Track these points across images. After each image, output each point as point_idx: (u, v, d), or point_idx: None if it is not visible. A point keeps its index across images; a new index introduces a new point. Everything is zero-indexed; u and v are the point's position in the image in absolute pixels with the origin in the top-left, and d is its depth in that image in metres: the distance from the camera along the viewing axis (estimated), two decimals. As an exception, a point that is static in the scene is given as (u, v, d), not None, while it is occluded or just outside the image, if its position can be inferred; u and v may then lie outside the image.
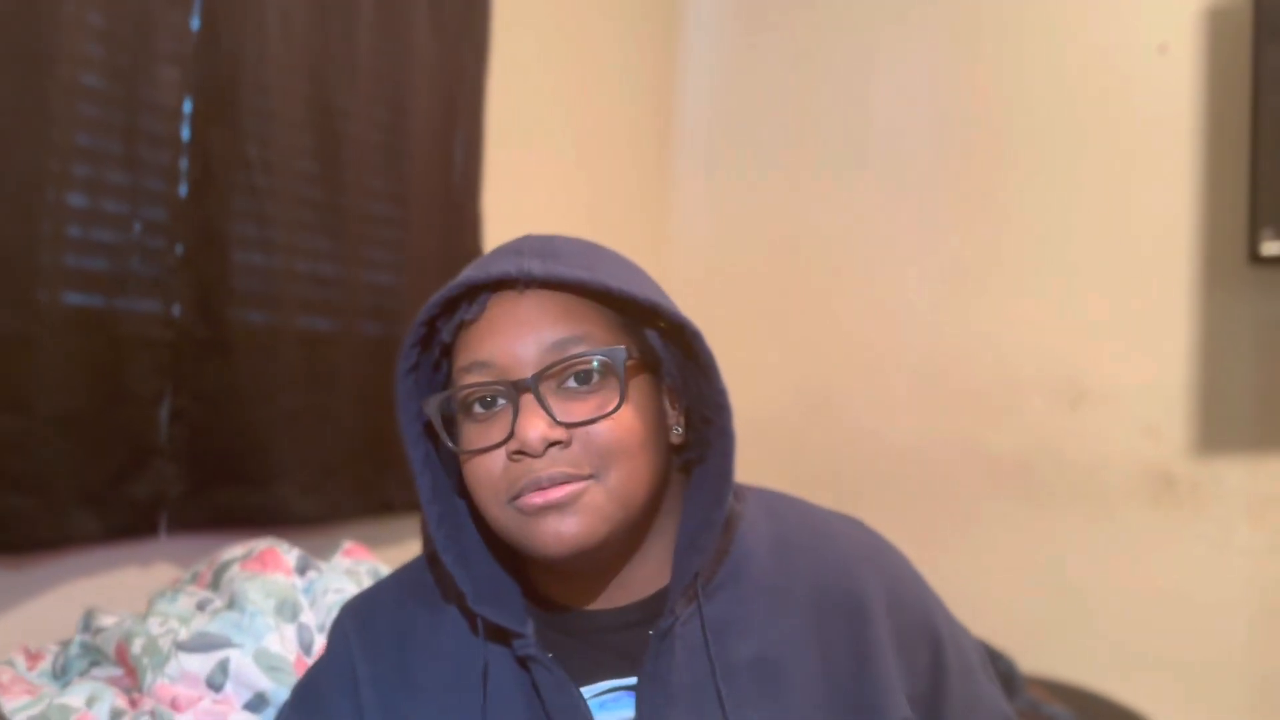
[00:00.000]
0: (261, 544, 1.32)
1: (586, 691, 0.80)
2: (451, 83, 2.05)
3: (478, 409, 0.77)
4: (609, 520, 0.75)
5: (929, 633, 0.87)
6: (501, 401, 0.76)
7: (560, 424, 0.74)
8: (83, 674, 1.18)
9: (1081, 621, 2.21)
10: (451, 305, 0.78)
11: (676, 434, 0.82)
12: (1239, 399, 2.11)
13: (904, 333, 2.47)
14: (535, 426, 0.73)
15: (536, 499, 0.74)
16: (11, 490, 1.37)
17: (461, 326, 0.78)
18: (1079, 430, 2.25)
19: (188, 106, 1.60)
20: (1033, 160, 2.34)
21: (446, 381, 0.81)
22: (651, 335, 0.80)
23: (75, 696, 1.08)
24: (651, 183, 2.79)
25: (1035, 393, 2.30)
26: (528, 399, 0.74)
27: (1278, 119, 1.87)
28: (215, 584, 1.27)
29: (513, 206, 2.22)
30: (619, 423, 0.75)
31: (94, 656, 1.20)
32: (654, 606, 0.81)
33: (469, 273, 0.77)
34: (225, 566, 1.29)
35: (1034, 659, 2.09)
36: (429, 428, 0.81)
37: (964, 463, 2.37)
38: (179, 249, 1.59)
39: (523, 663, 0.79)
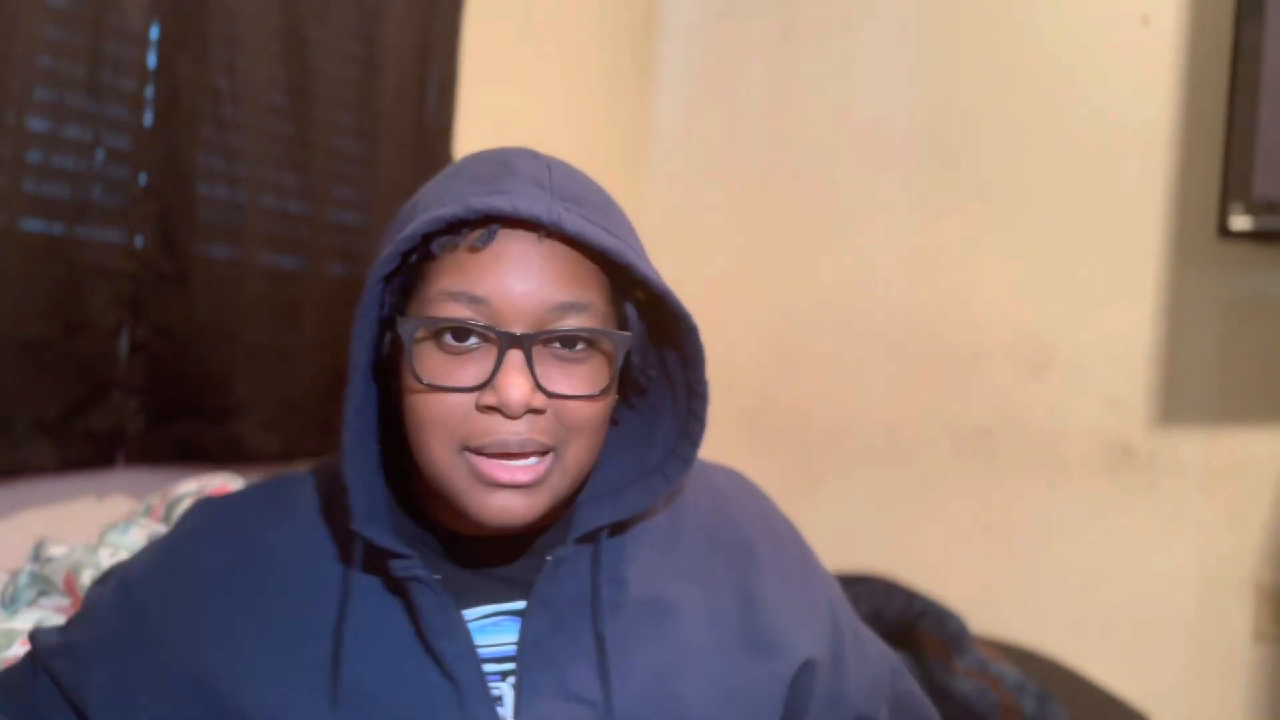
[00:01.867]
0: (215, 480, 1.32)
1: (468, 614, 0.77)
2: (426, 18, 2.01)
3: (449, 339, 0.71)
4: (555, 498, 0.74)
5: (818, 579, 0.89)
6: (475, 341, 0.71)
7: (543, 391, 0.71)
8: (31, 603, 1.17)
9: (1034, 586, 2.25)
10: (451, 228, 0.71)
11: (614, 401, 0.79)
12: (1200, 373, 2.13)
13: (875, 297, 2.48)
14: (521, 388, 0.69)
15: (502, 473, 0.70)
16: (-35, 417, 1.36)
17: (458, 247, 0.71)
18: (1041, 398, 2.27)
19: (155, 32, 1.57)
20: (1006, 129, 2.34)
21: (408, 291, 0.74)
22: (630, 307, 0.78)
23: (22, 622, 1.08)
24: (630, 134, 2.76)
25: (1000, 360, 2.31)
26: (516, 355, 0.70)
27: (1254, 95, 1.88)
28: (168, 517, 1.27)
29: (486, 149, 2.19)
30: (596, 404, 0.74)
31: (42, 586, 1.19)
32: (550, 537, 0.80)
33: (489, 198, 0.70)
34: (178, 500, 1.28)
35: (986, 620, 2.12)
36: (382, 341, 0.76)
37: (926, 427, 2.39)
38: (142, 179, 1.57)
39: (398, 588, 0.75)
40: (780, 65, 2.65)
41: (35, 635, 0.85)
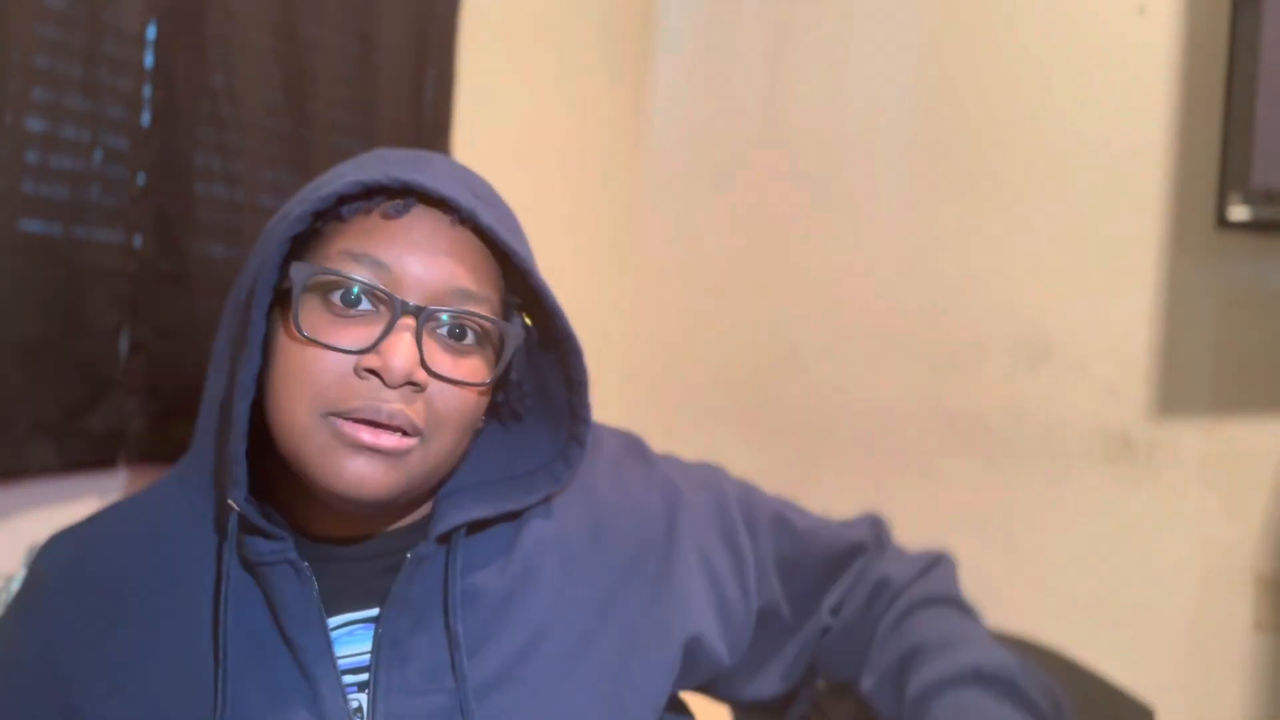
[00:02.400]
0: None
1: (329, 622, 0.75)
2: (423, 16, 2.01)
3: (336, 299, 0.70)
4: (413, 482, 0.72)
5: (688, 527, 0.89)
6: (367, 306, 0.70)
7: (427, 369, 0.69)
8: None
9: (1033, 577, 2.25)
10: (369, 193, 0.71)
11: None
12: (1199, 363, 2.14)
13: (871, 290, 2.48)
14: (408, 355, 0.67)
15: (365, 434, 0.68)
16: (-36, 419, 1.36)
17: (370, 213, 0.71)
18: (1039, 390, 2.27)
19: (152, 31, 1.57)
20: (1002, 121, 2.34)
21: (302, 254, 0.73)
22: (517, 322, 0.78)
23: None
24: (627, 128, 2.76)
25: (998, 352, 2.31)
26: (406, 325, 0.68)
27: (1251, 84, 1.88)
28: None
29: (484, 147, 2.19)
30: (474, 396, 0.72)
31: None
32: (408, 537, 0.78)
33: (409, 173, 0.70)
34: (182, 500, 1.28)
35: (986, 613, 2.12)
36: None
37: (924, 419, 2.39)
38: (141, 179, 1.56)
39: (255, 574, 0.73)
40: (776, 57, 2.64)
41: None
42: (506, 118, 2.30)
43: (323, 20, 1.80)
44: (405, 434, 0.69)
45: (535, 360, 0.81)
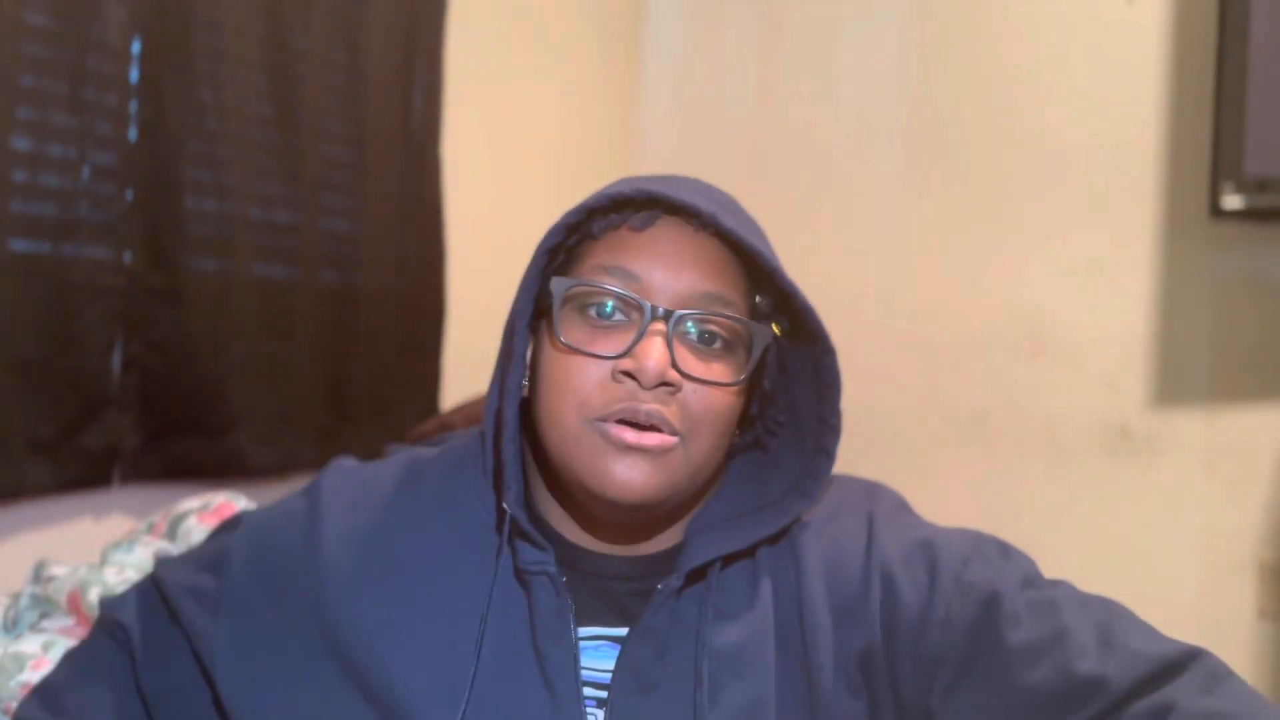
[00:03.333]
0: (218, 498, 1.31)
1: (580, 632, 0.77)
2: (410, 23, 2.00)
3: (593, 312, 0.73)
4: (677, 486, 0.73)
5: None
6: (620, 316, 0.73)
7: (679, 370, 0.71)
8: (33, 625, 1.16)
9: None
10: (617, 206, 0.74)
11: (734, 433, 0.79)
12: (1197, 352, 2.13)
13: (867, 287, 2.47)
14: (659, 356, 0.70)
15: (629, 434, 0.70)
16: (-41, 441, 1.35)
17: (619, 228, 0.75)
18: (1037, 382, 2.27)
19: (136, 47, 1.56)
20: (994, 114, 2.33)
21: (561, 271, 0.76)
22: (765, 324, 0.79)
23: (30, 644, 1.07)
24: (618, 134, 2.75)
25: (995, 346, 2.31)
26: (657, 329, 0.71)
27: (1242, 73, 1.87)
28: (171, 535, 1.26)
29: (475, 153, 2.18)
30: (728, 397, 0.74)
31: (44, 608, 1.18)
32: (660, 564, 0.79)
33: (653, 183, 0.73)
34: (182, 518, 1.27)
35: (990, 607, 2.13)
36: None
37: (923, 415, 2.39)
38: (129, 195, 1.55)
39: (521, 580, 0.76)
40: (767, 54, 2.64)
41: (161, 565, 0.86)
42: (496, 122, 2.29)
43: (309, 30, 1.79)
44: (665, 433, 0.71)
45: (787, 376, 0.81)
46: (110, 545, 1.26)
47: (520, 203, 2.24)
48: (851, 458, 2.45)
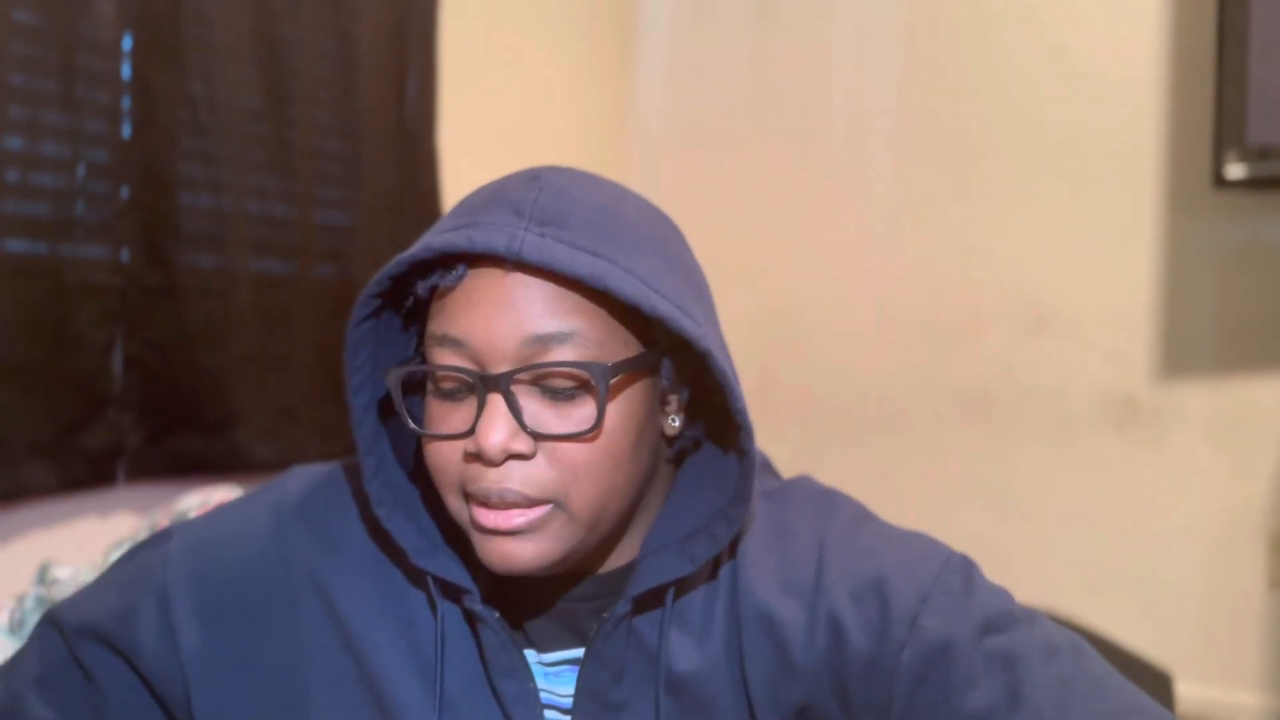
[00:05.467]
0: (218, 493, 1.30)
1: (542, 658, 0.75)
2: (402, 11, 1.99)
3: (445, 385, 0.68)
4: (569, 543, 0.68)
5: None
6: (461, 388, 0.68)
7: (528, 432, 0.66)
8: (38, 629, 1.16)
9: (1044, 547, 2.24)
10: (420, 271, 0.68)
11: (672, 426, 0.74)
12: (1201, 323, 2.12)
13: (869, 267, 2.46)
14: (495, 433, 0.65)
15: (488, 518, 0.66)
16: (-40, 444, 1.35)
17: (437, 291, 0.69)
18: (1041, 358, 2.26)
19: (127, 42, 1.55)
20: (994, 88, 2.32)
21: (418, 342, 0.72)
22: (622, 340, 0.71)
23: (32, 651, 1.07)
24: (613, 119, 2.74)
25: (996, 322, 2.30)
26: (497, 399, 0.66)
27: (1243, 41, 1.86)
28: (173, 534, 1.25)
29: (471, 142, 2.17)
30: (594, 444, 0.67)
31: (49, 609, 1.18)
32: (616, 582, 0.75)
33: (448, 235, 0.67)
34: (182, 515, 1.27)
35: (999, 584, 2.12)
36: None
37: (926, 394, 2.38)
38: (124, 192, 1.55)
39: (469, 618, 0.74)
40: (762, 32, 2.62)
41: (65, 618, 0.79)
42: (491, 109, 2.28)
43: (300, 20, 1.78)
44: (528, 506, 0.67)
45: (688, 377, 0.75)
46: (113, 545, 1.26)
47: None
48: (856, 438, 2.46)
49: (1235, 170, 1.87)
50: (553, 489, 0.67)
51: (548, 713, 0.74)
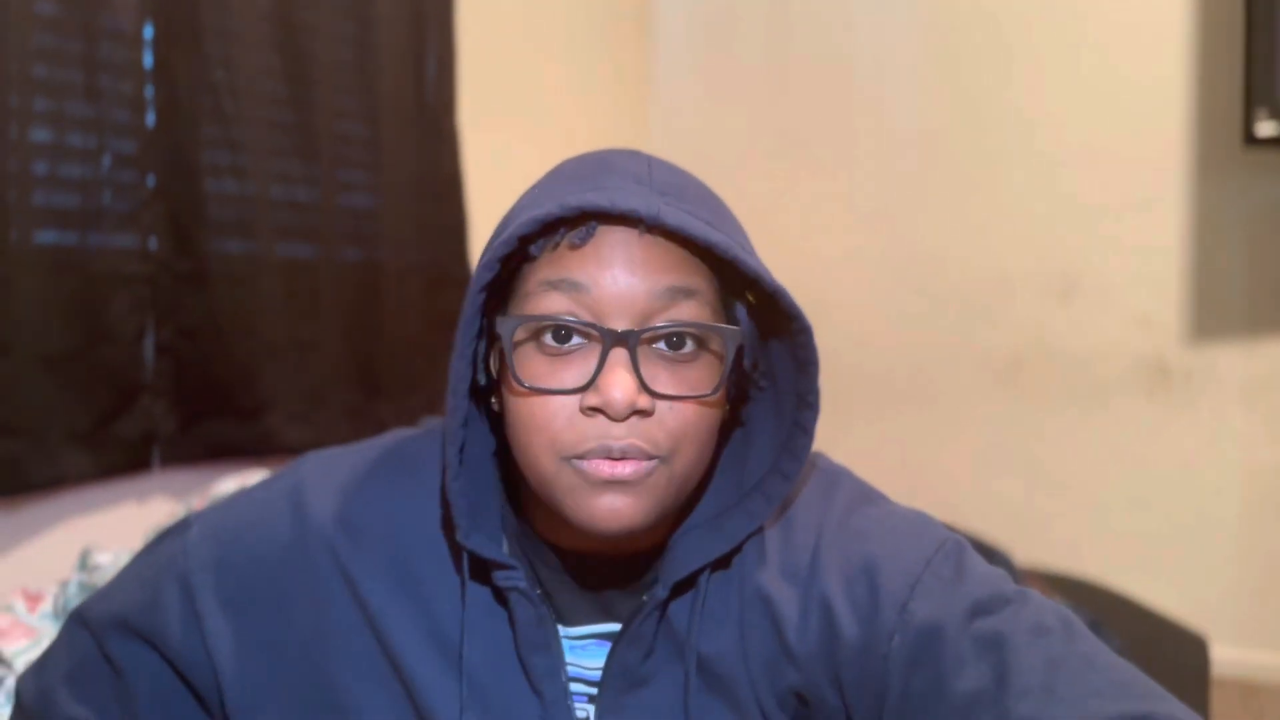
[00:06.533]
0: (254, 478, 1.32)
1: (569, 632, 0.76)
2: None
3: (549, 339, 0.68)
4: (663, 504, 0.69)
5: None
6: (579, 340, 0.68)
7: (649, 392, 0.66)
8: (82, 613, 1.18)
9: (1076, 514, 2.23)
10: (547, 230, 0.68)
11: (724, 410, 0.74)
12: (1232, 284, 2.10)
13: (893, 234, 2.45)
14: (625, 386, 0.65)
15: (604, 469, 0.66)
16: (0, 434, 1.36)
17: (558, 246, 0.68)
18: (1071, 323, 2.24)
19: (148, 31, 1.56)
20: (1022, 51, 2.29)
21: (506, 297, 0.71)
22: (739, 309, 0.74)
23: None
24: (633, 92, 2.73)
25: (1026, 287, 2.28)
26: (620, 353, 0.66)
27: (1271, -4, 1.83)
28: (209, 518, 1.27)
29: (491, 122, 2.17)
30: (703, 408, 0.69)
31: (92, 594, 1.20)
32: (650, 561, 0.76)
33: (585, 195, 0.67)
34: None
35: (1030, 553, 2.12)
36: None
37: (956, 361, 2.37)
38: (150, 181, 1.56)
39: (499, 596, 0.75)
40: (785, 19, 2.60)
41: (91, 615, 0.80)
42: (511, 88, 2.28)
43: (318, 5, 1.78)
44: (643, 460, 0.68)
45: (765, 346, 0.76)
46: (151, 530, 1.28)
47: (541, 164, 2.21)
48: (886, 407, 2.45)
49: (1266, 128, 1.84)
50: (665, 447, 0.68)
51: (573, 685, 0.76)
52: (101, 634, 0.79)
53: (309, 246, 1.79)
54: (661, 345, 0.68)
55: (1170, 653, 1.71)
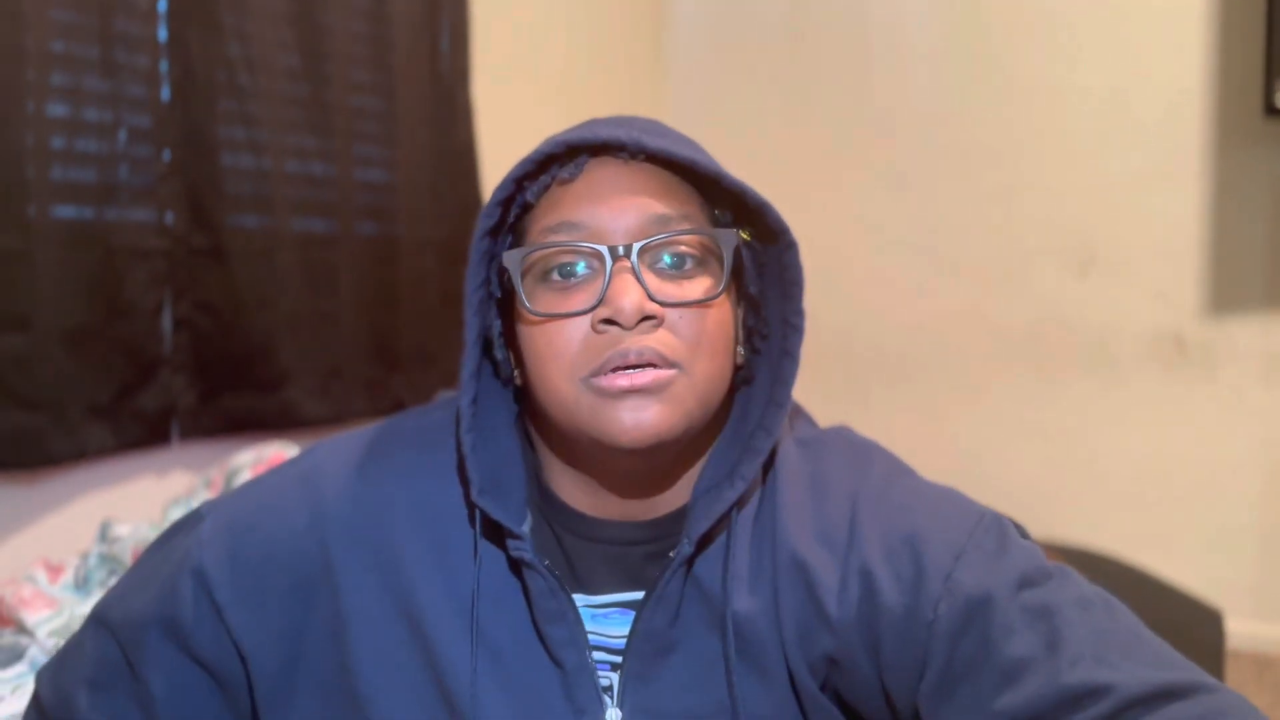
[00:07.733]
0: (270, 449, 1.33)
1: (591, 600, 0.77)
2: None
3: (555, 276, 0.71)
4: (688, 416, 0.70)
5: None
6: (584, 269, 0.70)
7: (655, 300, 0.69)
8: (103, 584, 1.19)
9: (1093, 488, 2.23)
10: (542, 166, 0.71)
11: (739, 353, 0.76)
12: (1250, 258, 2.08)
13: (909, 206, 2.43)
14: (632, 292, 0.68)
15: (621, 380, 0.68)
16: (21, 408, 1.38)
17: (550, 187, 0.72)
18: (1089, 297, 2.23)
19: (163, 5, 1.56)
20: (1041, 22, 2.27)
21: (515, 243, 0.74)
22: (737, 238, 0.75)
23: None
24: (648, 63, 2.71)
25: (1044, 260, 2.27)
26: (623, 268, 0.69)
27: (1295, -37, 1.80)
28: (228, 488, 1.28)
29: (506, 94, 2.16)
30: (715, 313, 0.71)
31: (112, 566, 1.21)
32: (672, 525, 0.76)
33: (571, 133, 0.71)
34: (236, 472, 1.29)
35: (1046, 526, 2.11)
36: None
37: (973, 335, 2.36)
38: (166, 155, 1.57)
39: (515, 566, 0.75)
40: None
41: (111, 615, 0.80)
42: (525, 60, 2.27)
43: (332, -22, 1.78)
44: (660, 366, 0.69)
45: (763, 281, 0.78)
46: (170, 503, 1.29)
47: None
48: (901, 381, 2.44)
49: (1288, 98, 1.83)
50: (682, 353, 0.70)
51: (596, 654, 0.76)
52: (122, 636, 0.79)
53: (325, 221, 1.79)
54: (663, 264, 0.71)
55: (1185, 626, 1.71)
